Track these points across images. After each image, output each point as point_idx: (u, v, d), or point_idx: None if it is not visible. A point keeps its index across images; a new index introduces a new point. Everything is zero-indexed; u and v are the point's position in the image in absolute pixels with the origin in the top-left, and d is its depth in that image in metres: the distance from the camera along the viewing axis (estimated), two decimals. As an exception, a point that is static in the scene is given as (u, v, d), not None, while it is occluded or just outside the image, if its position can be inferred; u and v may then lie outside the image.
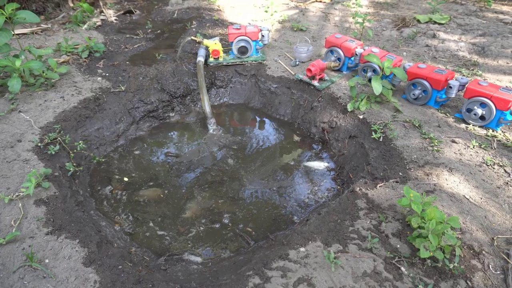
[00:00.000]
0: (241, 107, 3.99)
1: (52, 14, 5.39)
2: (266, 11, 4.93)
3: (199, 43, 4.09)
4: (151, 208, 2.77)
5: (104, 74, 3.85)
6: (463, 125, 3.08)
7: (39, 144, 2.81)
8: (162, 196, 2.88)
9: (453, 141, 2.90)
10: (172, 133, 3.59)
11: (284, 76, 3.92)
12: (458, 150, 2.81)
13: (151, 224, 2.65)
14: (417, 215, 2.07)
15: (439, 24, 5.18)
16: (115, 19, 5.33)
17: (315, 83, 3.67)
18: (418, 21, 5.29)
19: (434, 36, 4.74)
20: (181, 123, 3.73)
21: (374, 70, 3.55)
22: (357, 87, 3.57)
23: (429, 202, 2.11)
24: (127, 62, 4.09)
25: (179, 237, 2.55)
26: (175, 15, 5.56)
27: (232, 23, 5.24)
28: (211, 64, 4.10)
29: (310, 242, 2.14)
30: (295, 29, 5.02)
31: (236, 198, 2.85)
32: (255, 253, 2.34)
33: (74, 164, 2.92)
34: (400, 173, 2.65)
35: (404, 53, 4.38)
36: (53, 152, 2.81)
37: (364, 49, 3.68)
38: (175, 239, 2.54)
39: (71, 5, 5.57)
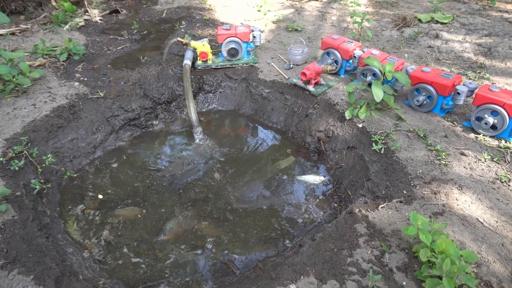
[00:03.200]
0: (230, 114, 3.68)
1: (33, 14, 5.07)
2: (259, 11, 4.63)
3: (186, 44, 3.78)
4: (127, 231, 2.46)
5: (82, 78, 3.53)
6: (472, 135, 2.78)
7: (2, 159, 2.50)
8: (139, 216, 2.57)
9: (462, 154, 2.60)
10: (154, 143, 3.27)
11: (277, 80, 3.61)
12: (468, 164, 2.51)
13: (125, 249, 2.35)
14: (426, 246, 1.77)
15: (442, 23, 4.88)
16: (100, 19, 5.01)
17: (310, 88, 3.36)
18: (420, 20, 4.98)
19: (437, 37, 4.43)
20: (165, 132, 3.42)
21: (374, 74, 3.25)
22: (356, 92, 3.27)
23: (440, 231, 1.81)
24: (109, 66, 3.77)
25: (155, 265, 2.25)
26: (164, 14, 5.25)
27: (223, 23, 4.93)
28: (199, 68, 3.79)
29: (302, 277, 1.83)
30: (290, 29, 4.71)
31: (221, 219, 2.54)
32: (240, 285, 2.04)
33: (42, 180, 2.61)
34: (405, 191, 2.35)
35: (406, 54, 4.08)
36: (17, 168, 2.50)
37: (363, 51, 3.38)
38: (151, 268, 2.23)
39: (54, 3, 5.25)
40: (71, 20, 4.75)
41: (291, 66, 3.73)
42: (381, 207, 2.25)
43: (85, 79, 3.53)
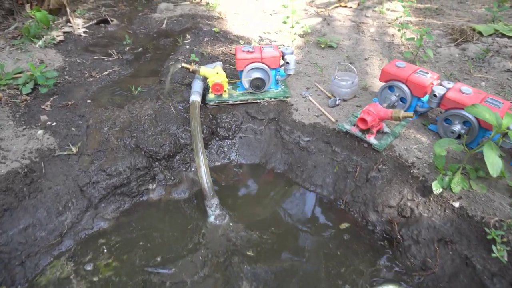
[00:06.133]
0: (255, 171, 2.60)
1: (1, 25, 3.97)
2: (285, 22, 3.54)
3: (193, 72, 2.70)
4: None
5: (49, 123, 2.45)
6: None
7: None
8: None
9: None
10: (150, 223, 2.20)
11: (319, 123, 2.54)
12: None
13: None
14: None
15: (509, 37, 3.81)
16: (84, 32, 3.91)
17: (371, 139, 2.30)
18: (480, 33, 3.91)
19: (513, 57, 3.37)
20: (166, 202, 2.35)
21: (465, 122, 2.20)
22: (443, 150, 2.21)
23: None
24: (89, 101, 2.69)
25: None
26: (164, 25, 4.15)
27: (237, 37, 3.84)
28: (211, 104, 2.72)
29: None
30: (322, 45, 3.63)
31: None
32: None
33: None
34: None
35: (483, 83, 3.01)
36: None
37: (444, 86, 2.32)
38: None
39: (29, 11, 4.14)
40: (46, 34, 3.65)
41: (337, 102, 2.66)
42: None
43: (54, 123, 2.45)
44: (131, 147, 2.38)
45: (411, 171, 2.15)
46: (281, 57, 2.69)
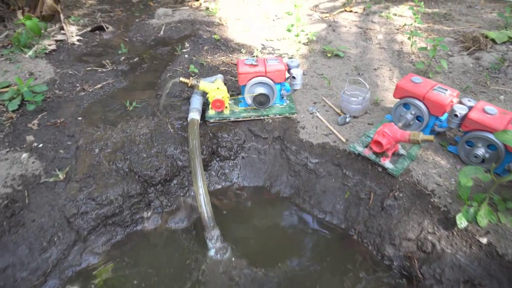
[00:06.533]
0: (259, 194, 2.38)
1: (-9, 33, 3.75)
2: (289, 30, 3.32)
3: (192, 86, 2.48)
4: None
5: (35, 144, 2.24)
6: None
7: None
8: None
9: None
10: (145, 257, 1.99)
11: (328, 143, 2.33)
12: None
13: None
14: None
15: (524, 45, 3.59)
16: (78, 40, 3.69)
17: (386, 163, 2.09)
18: (493, 40, 3.69)
19: (531, 67, 3.15)
20: (162, 232, 2.13)
21: (490, 146, 1.98)
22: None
23: None
24: (79, 118, 2.47)
25: None
26: (162, 32, 3.92)
27: (239, 46, 3.62)
28: (212, 121, 2.50)
29: None
30: (328, 54, 3.41)
31: None
32: None
33: None
34: None
35: (501, 96, 2.80)
36: None
37: (466, 105, 2.10)
38: None
39: (21, 18, 3.92)
40: (38, 42, 3.43)
41: (347, 120, 2.44)
42: None
43: (41, 145, 2.24)
44: (124, 172, 2.16)
45: (431, 200, 1.94)
46: (287, 71, 2.47)
